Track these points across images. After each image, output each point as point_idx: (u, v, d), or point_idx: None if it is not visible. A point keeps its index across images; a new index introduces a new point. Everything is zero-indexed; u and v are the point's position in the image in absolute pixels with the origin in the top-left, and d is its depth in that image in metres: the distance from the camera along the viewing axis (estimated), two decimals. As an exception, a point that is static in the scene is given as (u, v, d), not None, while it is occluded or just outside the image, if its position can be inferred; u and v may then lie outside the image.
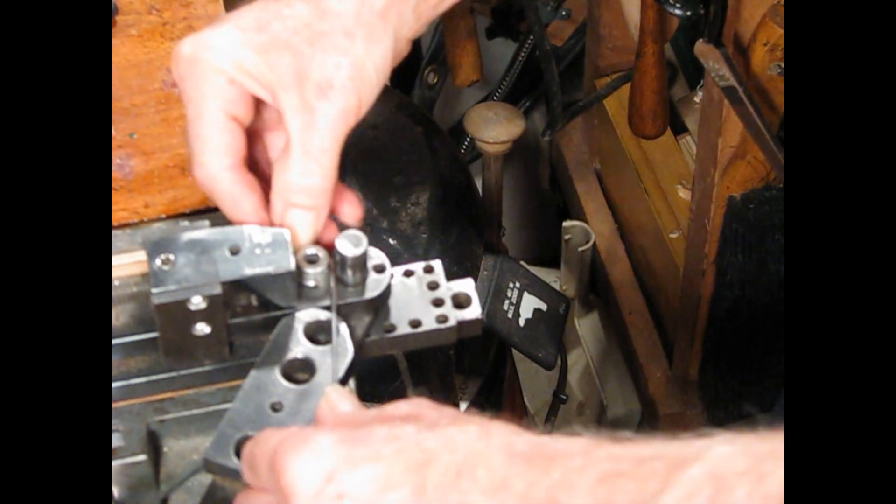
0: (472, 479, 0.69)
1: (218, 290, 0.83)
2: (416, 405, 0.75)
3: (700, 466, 0.64)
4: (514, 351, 1.61)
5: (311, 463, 0.70)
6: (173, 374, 0.88)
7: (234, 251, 0.84)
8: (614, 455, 0.68)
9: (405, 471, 0.69)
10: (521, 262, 1.66)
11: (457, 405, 1.44)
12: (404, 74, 2.18)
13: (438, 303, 0.89)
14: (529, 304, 1.61)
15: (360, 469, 0.69)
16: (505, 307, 1.57)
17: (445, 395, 1.40)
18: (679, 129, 1.87)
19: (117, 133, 1.02)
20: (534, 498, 0.68)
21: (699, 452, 0.65)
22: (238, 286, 0.84)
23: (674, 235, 1.79)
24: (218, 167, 0.86)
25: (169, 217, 1.00)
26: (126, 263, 0.89)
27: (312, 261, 0.85)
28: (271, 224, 0.87)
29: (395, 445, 0.70)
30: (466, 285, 0.91)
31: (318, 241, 0.87)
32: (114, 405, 0.86)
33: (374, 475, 0.69)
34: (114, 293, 0.88)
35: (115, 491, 0.83)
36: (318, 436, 0.71)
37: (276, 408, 0.80)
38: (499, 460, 0.69)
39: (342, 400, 0.78)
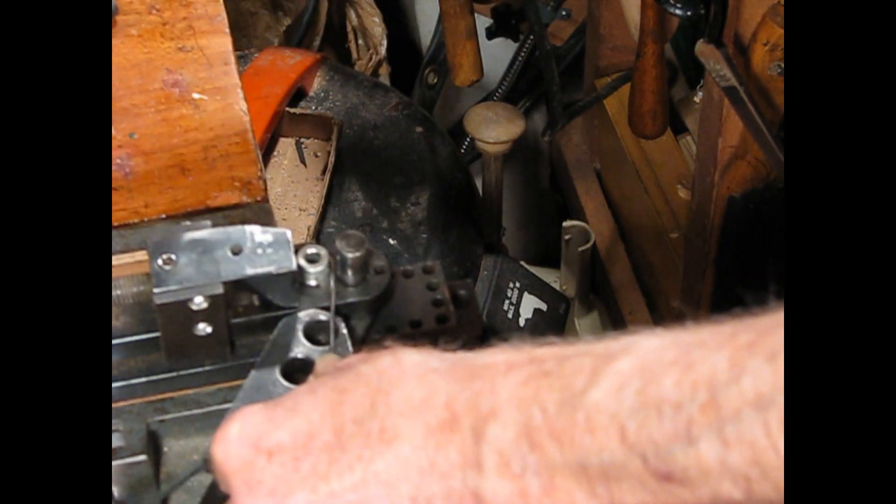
0: (387, 403, 0.69)
1: (220, 289, 0.83)
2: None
3: (628, 359, 0.63)
4: (514, 351, 1.61)
5: (235, 439, 0.71)
6: (173, 374, 0.88)
7: (236, 251, 0.84)
8: (538, 357, 0.67)
9: (324, 415, 0.70)
10: (521, 262, 1.66)
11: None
12: (404, 74, 2.18)
13: (438, 303, 0.89)
14: (529, 304, 1.61)
15: (282, 426, 0.70)
16: (505, 307, 1.57)
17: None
18: (679, 129, 1.87)
19: (117, 133, 1.02)
20: (455, 409, 0.66)
21: (627, 347, 0.64)
22: (240, 286, 0.84)
23: (674, 235, 1.79)
24: None
25: (169, 217, 1.00)
26: (126, 263, 0.89)
27: (313, 260, 0.85)
28: None
29: (312, 396, 0.71)
30: (466, 285, 0.91)
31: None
32: (114, 405, 0.86)
33: (296, 427, 0.70)
34: (114, 293, 0.88)
35: (115, 491, 0.83)
36: (243, 411, 0.72)
37: (276, 408, 0.80)
38: (413, 381, 0.69)
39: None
